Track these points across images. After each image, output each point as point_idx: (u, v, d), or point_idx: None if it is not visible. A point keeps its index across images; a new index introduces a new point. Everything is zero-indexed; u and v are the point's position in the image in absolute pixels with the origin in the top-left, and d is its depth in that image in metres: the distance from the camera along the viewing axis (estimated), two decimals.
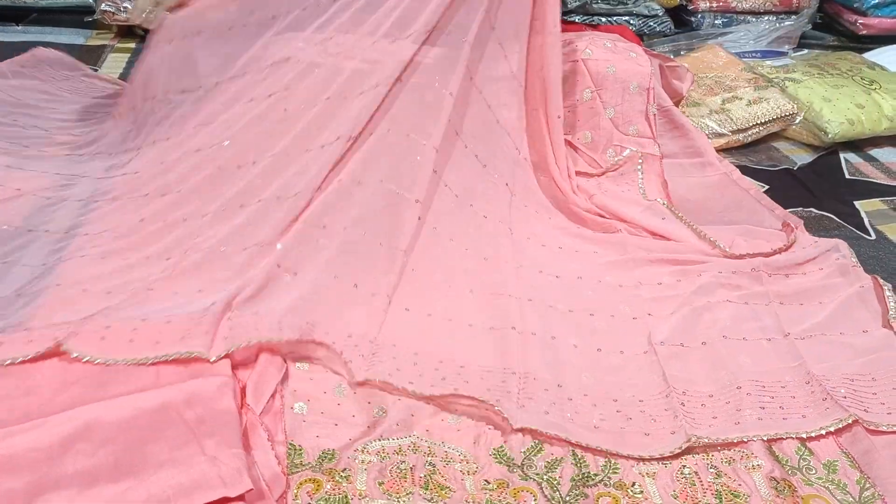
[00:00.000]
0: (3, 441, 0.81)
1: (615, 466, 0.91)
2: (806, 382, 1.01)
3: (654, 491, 0.88)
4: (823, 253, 1.28)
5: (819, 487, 0.88)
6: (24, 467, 0.79)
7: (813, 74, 1.82)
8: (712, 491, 0.88)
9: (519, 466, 0.90)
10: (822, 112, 1.69)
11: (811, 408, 0.98)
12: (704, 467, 0.91)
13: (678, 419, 0.95)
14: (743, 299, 1.17)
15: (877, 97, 1.73)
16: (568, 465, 0.90)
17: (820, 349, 1.08)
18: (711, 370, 1.04)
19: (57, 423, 0.84)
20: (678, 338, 1.10)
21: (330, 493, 0.83)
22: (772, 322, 1.13)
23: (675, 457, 0.91)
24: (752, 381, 1.01)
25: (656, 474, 0.90)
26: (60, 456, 0.81)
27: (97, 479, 0.78)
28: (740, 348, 1.08)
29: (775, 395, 1.00)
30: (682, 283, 1.21)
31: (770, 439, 0.93)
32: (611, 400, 0.99)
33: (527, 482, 0.88)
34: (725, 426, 0.95)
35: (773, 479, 0.89)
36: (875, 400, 0.99)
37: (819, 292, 1.20)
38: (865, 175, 1.63)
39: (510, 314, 1.11)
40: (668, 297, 1.19)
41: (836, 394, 0.99)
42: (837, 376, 1.03)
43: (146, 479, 0.78)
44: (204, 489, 0.77)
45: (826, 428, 0.94)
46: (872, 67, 1.89)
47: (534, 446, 0.92)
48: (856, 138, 1.71)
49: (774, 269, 1.24)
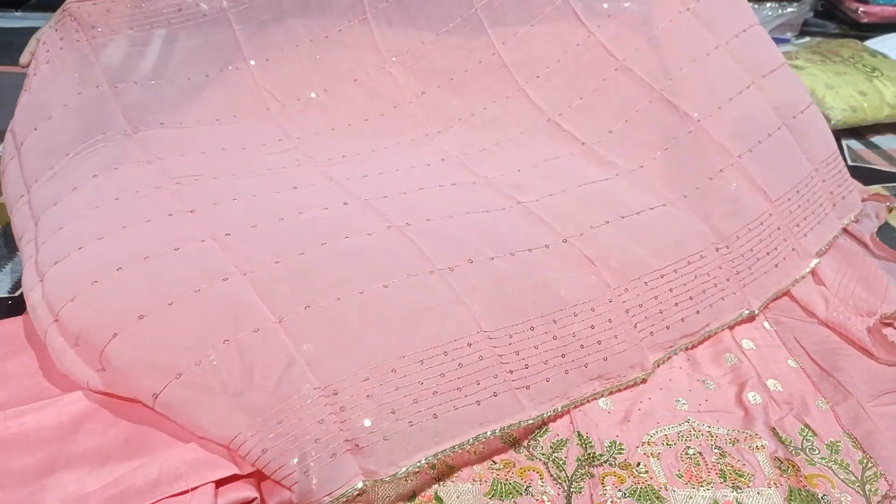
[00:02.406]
0: (15, 420, 0.82)
1: (620, 447, 0.91)
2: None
3: (658, 470, 0.89)
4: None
5: (822, 467, 0.89)
6: (35, 445, 0.80)
7: (815, 61, 1.82)
8: (716, 470, 0.89)
9: (524, 447, 0.91)
10: (824, 99, 1.69)
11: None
12: (709, 448, 0.92)
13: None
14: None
15: (878, 84, 1.74)
16: (573, 445, 0.91)
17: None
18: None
19: (66, 403, 0.85)
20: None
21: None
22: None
23: (679, 438, 0.93)
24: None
25: (661, 454, 0.91)
26: (71, 434, 0.82)
27: (108, 457, 0.79)
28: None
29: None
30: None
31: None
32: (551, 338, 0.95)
33: (533, 462, 0.89)
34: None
35: (776, 458, 0.90)
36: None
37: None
38: (867, 161, 1.64)
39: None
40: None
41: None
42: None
43: (157, 456, 0.78)
44: (215, 466, 0.77)
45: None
46: (874, 55, 1.89)
47: (539, 428, 0.93)
48: (858, 125, 1.71)
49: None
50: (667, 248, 1.08)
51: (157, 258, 0.92)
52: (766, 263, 1.15)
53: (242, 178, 1.14)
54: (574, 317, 0.96)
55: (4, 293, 1.09)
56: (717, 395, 1.00)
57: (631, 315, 1.00)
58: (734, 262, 1.12)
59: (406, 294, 0.91)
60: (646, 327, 1.02)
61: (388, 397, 0.82)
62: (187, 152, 1.17)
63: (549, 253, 1.01)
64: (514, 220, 1.07)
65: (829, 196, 1.29)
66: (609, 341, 0.97)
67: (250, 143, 1.23)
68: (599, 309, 0.98)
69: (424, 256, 0.96)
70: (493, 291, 0.94)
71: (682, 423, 0.95)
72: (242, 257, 0.93)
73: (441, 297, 0.92)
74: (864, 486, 0.87)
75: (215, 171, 1.14)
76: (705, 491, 0.86)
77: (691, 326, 1.05)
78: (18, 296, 1.08)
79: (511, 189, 1.15)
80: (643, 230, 1.09)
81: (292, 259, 0.94)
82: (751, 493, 0.86)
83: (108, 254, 0.93)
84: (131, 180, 1.09)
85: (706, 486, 0.87)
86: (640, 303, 1.01)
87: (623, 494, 0.85)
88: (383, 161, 1.23)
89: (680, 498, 0.85)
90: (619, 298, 1.00)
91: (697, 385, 1.01)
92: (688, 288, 1.06)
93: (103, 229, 0.98)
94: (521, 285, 0.96)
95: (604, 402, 0.97)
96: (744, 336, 1.09)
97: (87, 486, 0.76)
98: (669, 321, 1.03)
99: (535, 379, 0.92)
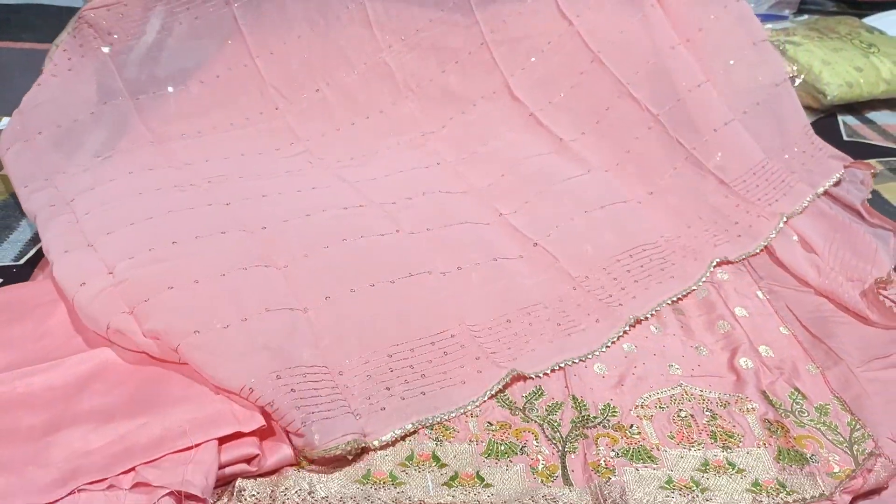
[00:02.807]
0: (22, 380, 0.84)
1: (613, 410, 0.93)
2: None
3: (651, 432, 0.91)
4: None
5: (811, 428, 0.91)
6: (41, 405, 0.82)
7: (813, 37, 1.83)
8: (707, 432, 0.91)
9: (521, 409, 0.93)
10: (821, 75, 1.70)
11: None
12: (700, 410, 0.94)
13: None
14: None
15: (875, 60, 1.74)
16: (568, 408, 0.93)
17: None
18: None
19: (72, 365, 0.87)
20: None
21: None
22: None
23: (672, 401, 0.95)
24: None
25: (653, 417, 0.93)
26: (77, 394, 0.83)
27: (113, 415, 0.81)
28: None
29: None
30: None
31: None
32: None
33: (528, 424, 0.91)
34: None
35: (766, 420, 0.92)
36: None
37: None
38: (863, 137, 1.65)
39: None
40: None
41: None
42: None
43: (161, 414, 0.80)
44: (218, 424, 0.79)
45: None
46: (871, 31, 1.90)
47: (535, 391, 0.96)
48: (854, 101, 1.72)
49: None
50: (626, 237, 1.20)
51: (207, 239, 1.05)
52: (729, 234, 1.25)
53: (265, 179, 1.24)
54: (545, 309, 1.08)
55: (8, 261, 1.10)
56: (709, 361, 1.02)
57: (597, 296, 1.11)
58: (696, 238, 1.24)
59: (407, 290, 1.04)
60: (612, 302, 1.10)
61: (384, 377, 0.93)
62: (211, 158, 1.29)
63: (522, 262, 1.15)
64: (496, 232, 1.20)
65: (801, 167, 1.38)
66: (582, 318, 1.07)
67: (266, 147, 1.34)
68: (567, 299, 1.10)
69: (424, 260, 1.09)
70: (478, 292, 1.07)
71: (674, 387, 0.97)
72: (282, 249, 1.06)
73: (433, 295, 1.04)
74: (853, 446, 0.89)
75: (240, 173, 1.25)
76: (696, 451, 0.88)
77: (658, 294, 1.13)
78: (22, 264, 1.10)
79: (495, 200, 1.27)
80: (607, 223, 1.23)
81: (318, 253, 1.07)
82: (740, 453, 0.88)
83: (161, 233, 1.04)
84: (167, 178, 1.20)
85: (697, 447, 0.89)
86: (601, 285, 1.12)
87: (616, 454, 0.87)
88: (387, 163, 1.35)
89: (671, 457, 0.87)
90: (582, 285, 1.12)
91: (691, 351, 1.03)
92: (644, 269, 1.16)
93: (149, 212, 1.09)
94: (498, 288, 1.09)
95: (598, 367, 1.00)
96: (737, 304, 1.11)
97: (92, 443, 0.77)
98: (634, 292, 1.12)
99: (521, 351, 1.01)
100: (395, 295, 1.02)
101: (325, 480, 0.80)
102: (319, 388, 0.87)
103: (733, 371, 1.00)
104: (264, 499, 0.78)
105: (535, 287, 1.11)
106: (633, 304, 1.10)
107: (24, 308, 0.96)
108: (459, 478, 0.83)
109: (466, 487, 0.82)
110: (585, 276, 1.13)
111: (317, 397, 0.86)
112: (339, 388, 0.89)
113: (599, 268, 1.15)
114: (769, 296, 1.14)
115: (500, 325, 1.04)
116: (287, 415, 0.82)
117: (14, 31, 1.93)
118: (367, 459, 0.84)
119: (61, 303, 0.96)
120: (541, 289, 1.11)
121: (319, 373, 0.90)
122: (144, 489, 0.74)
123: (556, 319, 1.06)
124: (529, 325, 1.04)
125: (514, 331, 1.03)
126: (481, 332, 1.02)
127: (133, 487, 0.74)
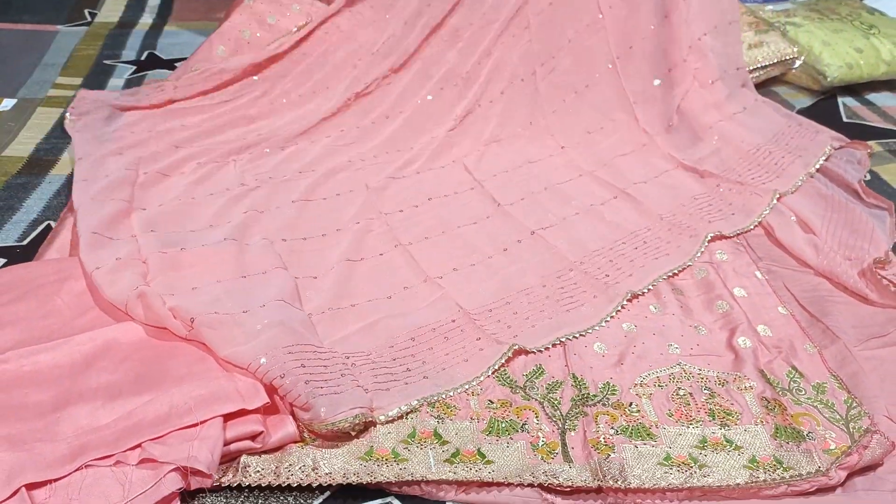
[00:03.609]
0: (29, 358, 0.84)
1: (613, 388, 0.95)
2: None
3: (650, 410, 0.92)
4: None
5: (808, 406, 0.92)
6: (48, 382, 0.83)
7: (813, 18, 1.83)
8: (706, 410, 0.92)
9: (521, 388, 0.94)
10: (821, 56, 1.70)
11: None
12: (699, 389, 0.95)
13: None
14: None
15: (875, 42, 1.74)
16: (568, 387, 0.94)
17: None
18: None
19: (78, 343, 0.88)
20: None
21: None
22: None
23: (670, 380, 0.96)
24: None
25: (652, 395, 0.94)
26: (83, 372, 0.84)
27: (120, 392, 0.82)
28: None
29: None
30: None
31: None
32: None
33: (529, 402, 0.92)
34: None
35: (764, 398, 0.93)
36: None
37: None
38: (863, 118, 1.65)
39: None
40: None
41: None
42: None
43: (167, 391, 0.81)
44: (223, 401, 0.80)
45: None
46: (871, 12, 1.89)
47: (535, 370, 0.97)
48: (854, 82, 1.72)
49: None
50: (617, 228, 1.26)
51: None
52: (723, 213, 1.29)
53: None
54: (543, 287, 1.11)
55: (13, 242, 1.11)
56: (708, 340, 1.03)
57: (594, 276, 1.14)
58: (691, 216, 1.28)
59: (415, 292, 1.09)
60: (609, 281, 1.13)
61: (387, 364, 0.96)
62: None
63: (521, 247, 1.20)
64: (496, 224, 1.27)
65: (793, 149, 1.43)
66: (580, 296, 1.10)
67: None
68: (565, 278, 1.13)
69: (424, 268, 1.14)
70: (477, 284, 1.12)
71: (673, 366, 0.98)
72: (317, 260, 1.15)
73: (433, 297, 1.08)
74: (849, 424, 0.90)
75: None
76: (694, 428, 0.89)
77: (655, 269, 1.16)
78: (26, 244, 1.11)
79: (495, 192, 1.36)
80: (601, 216, 1.29)
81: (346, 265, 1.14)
82: (738, 431, 0.89)
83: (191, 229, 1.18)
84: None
85: (695, 424, 0.90)
86: (598, 266, 1.16)
87: (615, 431, 0.88)
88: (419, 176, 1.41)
89: (670, 434, 0.88)
90: (579, 267, 1.15)
91: (690, 330, 1.04)
92: (639, 250, 1.20)
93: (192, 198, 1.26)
94: (499, 273, 1.14)
95: (598, 347, 1.01)
96: (735, 284, 1.12)
97: (99, 419, 0.79)
98: (630, 271, 1.15)
99: (521, 329, 1.03)
100: (396, 306, 1.07)
101: (328, 457, 0.81)
102: (329, 367, 0.89)
103: (732, 350, 1.01)
104: (269, 474, 0.79)
105: (532, 268, 1.15)
106: (630, 280, 1.13)
107: (29, 287, 0.97)
108: (461, 455, 0.84)
109: (468, 464, 0.83)
110: (581, 262, 1.17)
111: (325, 374, 0.87)
112: (349, 366, 0.91)
113: (596, 253, 1.19)
114: (767, 276, 1.15)
115: (500, 306, 1.07)
116: (295, 388, 0.83)
117: (13, 13, 1.93)
118: (369, 437, 0.85)
119: (66, 282, 0.97)
120: (538, 271, 1.14)
121: (329, 352, 0.92)
122: (150, 465, 0.75)
123: (554, 297, 1.09)
124: (528, 304, 1.07)
125: (514, 310, 1.06)
126: (481, 314, 1.04)
127: (139, 463, 0.75)
